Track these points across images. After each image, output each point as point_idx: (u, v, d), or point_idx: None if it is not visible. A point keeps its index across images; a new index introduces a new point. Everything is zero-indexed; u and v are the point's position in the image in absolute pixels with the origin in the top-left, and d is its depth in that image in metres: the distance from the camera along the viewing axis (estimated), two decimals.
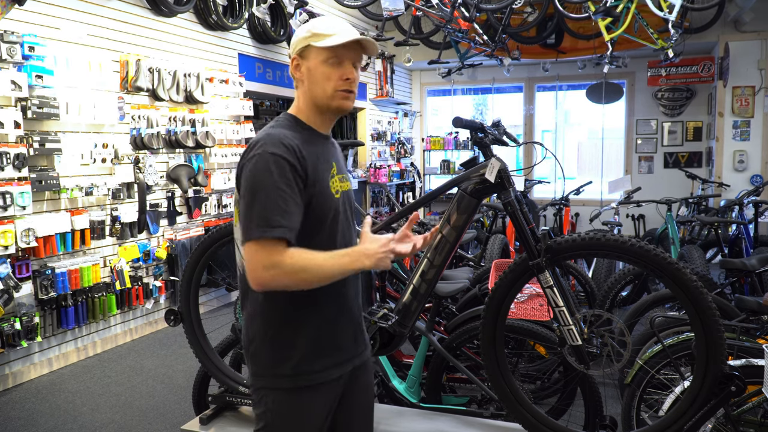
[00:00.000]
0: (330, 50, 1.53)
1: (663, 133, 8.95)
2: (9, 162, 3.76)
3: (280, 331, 1.54)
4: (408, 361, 3.09)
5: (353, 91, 1.58)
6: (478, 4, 6.37)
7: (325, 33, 1.52)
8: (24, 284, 3.90)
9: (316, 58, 1.54)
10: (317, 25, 1.55)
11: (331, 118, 1.62)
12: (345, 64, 1.55)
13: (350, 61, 1.56)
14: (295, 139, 1.50)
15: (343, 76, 1.54)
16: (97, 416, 3.50)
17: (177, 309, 2.65)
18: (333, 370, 1.58)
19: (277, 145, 1.46)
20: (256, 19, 6.26)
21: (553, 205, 6.53)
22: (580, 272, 4.40)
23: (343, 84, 1.54)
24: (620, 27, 6.26)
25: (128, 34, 4.82)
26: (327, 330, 1.57)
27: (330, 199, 1.55)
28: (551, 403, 2.87)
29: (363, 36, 1.55)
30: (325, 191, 1.54)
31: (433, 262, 2.25)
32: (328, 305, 1.57)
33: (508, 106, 10.23)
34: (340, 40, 1.51)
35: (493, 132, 2.40)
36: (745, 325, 2.64)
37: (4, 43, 3.72)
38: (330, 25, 1.55)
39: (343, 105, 1.57)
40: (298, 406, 1.54)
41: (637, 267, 2.72)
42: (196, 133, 5.31)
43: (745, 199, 5.81)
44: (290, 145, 1.47)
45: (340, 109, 1.58)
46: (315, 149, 1.55)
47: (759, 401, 2.19)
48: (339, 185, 1.60)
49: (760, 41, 7.59)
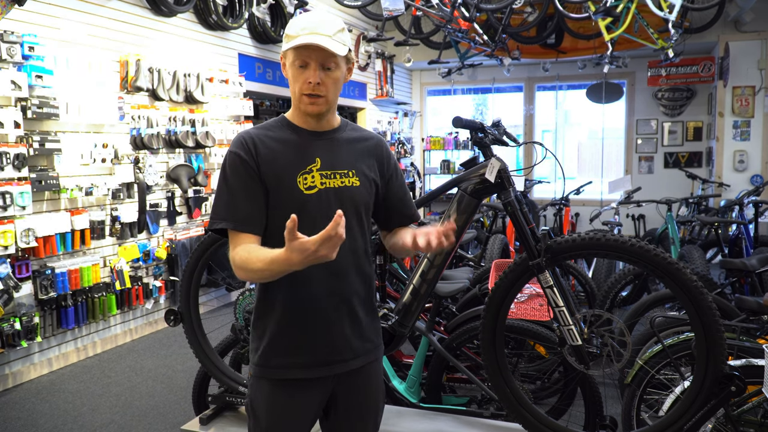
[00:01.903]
0: (294, 52, 1.50)
1: (663, 133, 8.94)
2: (9, 162, 3.76)
3: (255, 320, 1.62)
4: (408, 361, 3.09)
5: (320, 95, 1.52)
6: (478, 4, 6.37)
7: (291, 34, 1.50)
8: (24, 284, 3.90)
9: (288, 59, 1.54)
10: (290, 26, 1.53)
11: (311, 118, 1.58)
12: (310, 66, 1.50)
13: (316, 63, 1.49)
14: (260, 135, 1.57)
15: (306, 79, 1.50)
16: (97, 416, 3.50)
17: (177, 309, 2.65)
18: (295, 370, 1.56)
19: (236, 142, 1.56)
20: (256, 19, 6.26)
21: (553, 205, 6.53)
22: (580, 272, 4.40)
23: (306, 87, 1.51)
24: (620, 27, 6.26)
25: (128, 34, 4.82)
26: (286, 330, 1.56)
27: (294, 193, 1.52)
28: (551, 403, 2.87)
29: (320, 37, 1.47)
30: (287, 185, 1.53)
31: (433, 262, 2.25)
32: (293, 307, 1.55)
33: (508, 106, 10.22)
34: (297, 42, 1.47)
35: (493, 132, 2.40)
36: (745, 325, 2.64)
37: (4, 43, 3.72)
38: (297, 26, 1.50)
39: (308, 110, 1.55)
40: (264, 396, 1.60)
41: (637, 267, 2.72)
42: (196, 133, 5.31)
43: (745, 199, 5.80)
44: (246, 141, 1.55)
45: (306, 113, 1.57)
46: (288, 144, 1.56)
47: (759, 401, 2.19)
48: (320, 181, 1.55)
49: (760, 41, 7.59)
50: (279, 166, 1.54)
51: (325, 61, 1.50)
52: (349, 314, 1.60)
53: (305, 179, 1.54)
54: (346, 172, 1.59)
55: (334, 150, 1.60)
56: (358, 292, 1.61)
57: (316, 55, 1.49)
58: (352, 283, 1.60)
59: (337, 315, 1.58)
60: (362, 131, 1.71)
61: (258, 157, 1.53)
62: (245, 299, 2.69)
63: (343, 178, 1.58)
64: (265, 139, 1.56)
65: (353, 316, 1.61)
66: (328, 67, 1.51)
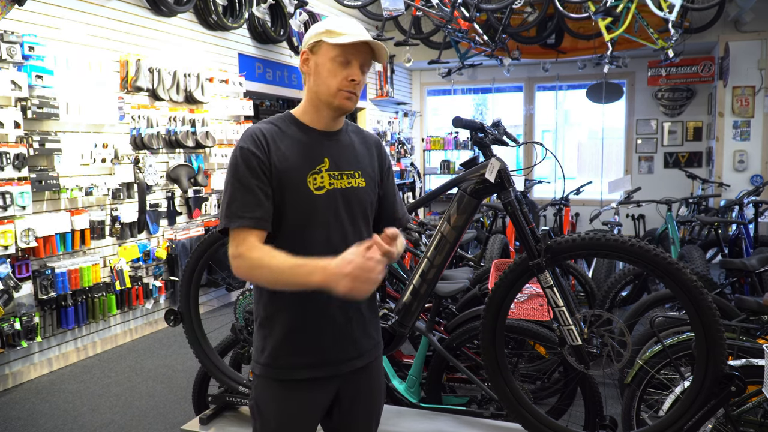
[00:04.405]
0: (340, 48, 1.53)
1: (663, 133, 8.94)
2: (9, 162, 3.76)
3: (263, 320, 1.60)
4: (408, 361, 3.09)
5: (356, 93, 1.57)
6: (478, 4, 6.37)
7: (338, 31, 1.53)
8: (24, 284, 3.90)
9: (325, 54, 1.55)
10: (333, 23, 1.56)
11: (331, 116, 1.60)
12: (352, 65, 1.55)
13: (358, 63, 1.55)
14: (271, 132, 1.55)
15: (348, 76, 1.54)
16: (97, 416, 3.50)
17: (177, 309, 2.65)
18: (302, 370, 1.57)
19: (246, 138, 1.54)
20: (256, 19, 6.26)
21: (553, 205, 6.53)
22: (580, 272, 4.40)
23: (347, 84, 1.54)
24: (620, 27, 6.26)
25: (128, 34, 4.82)
26: (297, 331, 1.56)
27: (304, 194, 1.53)
28: (551, 403, 2.87)
29: (370, 39, 1.54)
30: (297, 185, 1.53)
31: (433, 262, 2.25)
32: (301, 307, 1.55)
33: (508, 106, 10.22)
34: (351, 39, 1.51)
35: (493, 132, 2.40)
36: (745, 325, 2.64)
37: (4, 43, 3.72)
38: (345, 25, 1.55)
39: (344, 105, 1.57)
40: (272, 396, 1.59)
41: (637, 267, 2.72)
42: (196, 133, 5.31)
43: (745, 199, 5.80)
44: (258, 138, 1.53)
45: (341, 108, 1.58)
46: (297, 143, 1.56)
47: (759, 401, 2.19)
48: (328, 181, 1.56)
49: (760, 41, 7.59)
50: (289, 166, 1.53)
51: (366, 63, 1.57)
52: (355, 314, 1.62)
53: (315, 179, 1.55)
54: (352, 172, 1.61)
55: (340, 150, 1.62)
56: None
57: (362, 56, 1.56)
58: None
59: (344, 315, 1.59)
60: (364, 132, 1.74)
61: (270, 153, 1.52)
62: (245, 299, 2.69)
63: (350, 178, 1.60)
64: (276, 136, 1.55)
65: (359, 315, 1.63)
66: (364, 70, 1.58)
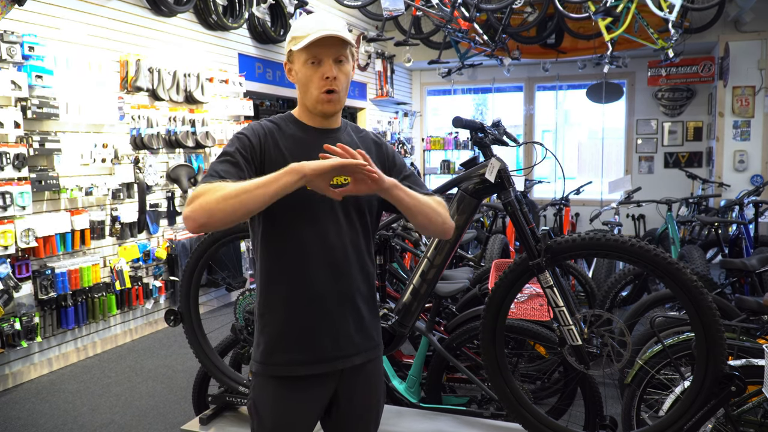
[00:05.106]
0: (306, 51, 1.52)
1: (663, 133, 8.94)
2: (9, 162, 3.76)
3: (260, 316, 1.61)
4: (408, 361, 3.09)
5: (335, 90, 1.54)
6: (478, 4, 6.37)
7: (300, 35, 1.52)
8: (24, 284, 3.90)
9: (298, 62, 1.55)
10: (295, 28, 1.55)
11: (321, 119, 1.61)
12: (324, 62, 1.52)
13: (330, 58, 1.52)
14: (270, 128, 1.57)
15: (323, 75, 1.52)
16: (97, 416, 3.50)
17: (177, 309, 2.65)
18: (298, 367, 1.56)
19: (246, 128, 1.57)
20: (256, 19, 6.26)
21: (553, 205, 6.53)
22: (580, 272, 4.40)
23: (324, 83, 1.53)
24: (620, 27, 6.26)
25: (128, 34, 4.82)
26: (292, 326, 1.56)
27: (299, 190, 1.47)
28: (551, 403, 2.87)
29: (331, 29, 1.49)
30: None
31: (433, 262, 2.25)
32: (298, 303, 1.56)
33: (508, 106, 10.23)
34: (312, 38, 1.49)
35: (493, 132, 2.40)
36: (745, 325, 2.64)
37: (4, 43, 3.72)
38: (306, 25, 1.53)
39: (326, 109, 1.57)
40: (268, 394, 1.59)
41: (637, 267, 2.72)
42: (196, 133, 5.31)
43: (745, 199, 5.80)
44: (256, 130, 1.55)
45: (324, 114, 1.58)
46: (295, 140, 1.57)
47: (759, 401, 2.19)
48: None
49: (760, 41, 7.59)
50: (286, 162, 1.52)
51: (338, 54, 1.53)
52: (352, 311, 1.61)
53: None
54: None
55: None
56: (361, 289, 1.62)
57: (329, 50, 1.52)
58: (355, 280, 1.61)
59: (341, 311, 1.59)
60: (363, 131, 1.74)
61: (264, 145, 1.53)
62: (245, 299, 2.69)
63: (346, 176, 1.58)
64: (275, 132, 1.57)
65: (356, 312, 1.62)
66: (341, 60, 1.54)
